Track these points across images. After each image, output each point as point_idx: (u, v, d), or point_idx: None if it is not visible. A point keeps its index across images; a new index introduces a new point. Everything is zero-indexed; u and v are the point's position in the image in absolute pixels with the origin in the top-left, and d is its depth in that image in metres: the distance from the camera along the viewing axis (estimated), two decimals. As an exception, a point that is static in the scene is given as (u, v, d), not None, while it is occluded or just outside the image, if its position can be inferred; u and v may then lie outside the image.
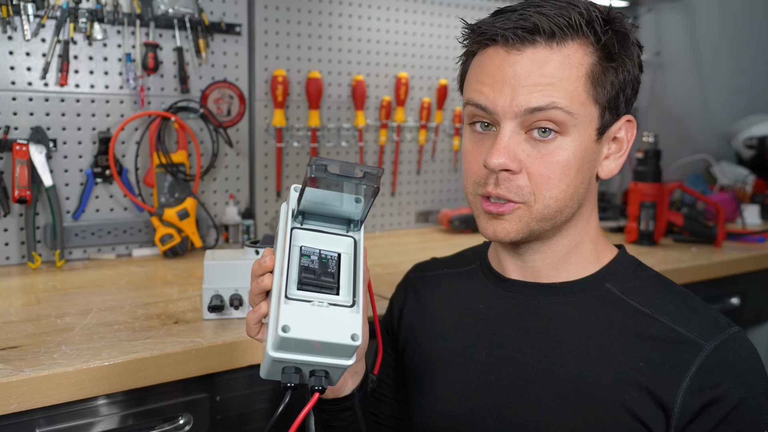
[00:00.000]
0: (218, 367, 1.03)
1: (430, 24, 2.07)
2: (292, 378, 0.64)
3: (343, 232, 0.71)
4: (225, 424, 1.08)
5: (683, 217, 1.91)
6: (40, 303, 1.22)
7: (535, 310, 0.81)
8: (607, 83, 0.75)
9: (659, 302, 0.77)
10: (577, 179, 0.75)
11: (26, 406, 0.88)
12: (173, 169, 1.62)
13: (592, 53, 0.74)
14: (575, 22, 0.72)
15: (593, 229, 0.82)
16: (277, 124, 1.80)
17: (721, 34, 2.89)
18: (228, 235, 1.75)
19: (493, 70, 0.75)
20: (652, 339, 0.74)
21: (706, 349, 0.71)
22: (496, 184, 0.75)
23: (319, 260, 0.68)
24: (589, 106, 0.74)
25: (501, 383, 0.80)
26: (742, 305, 1.83)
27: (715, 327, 0.73)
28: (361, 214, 0.70)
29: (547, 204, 0.75)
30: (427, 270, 0.99)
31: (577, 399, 0.74)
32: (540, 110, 0.72)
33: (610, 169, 0.80)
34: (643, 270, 0.82)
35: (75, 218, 1.57)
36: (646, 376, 0.72)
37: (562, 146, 0.74)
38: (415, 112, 2.08)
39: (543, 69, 0.72)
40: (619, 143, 0.80)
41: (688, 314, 0.75)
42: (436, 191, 2.17)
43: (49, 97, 1.51)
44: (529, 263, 0.82)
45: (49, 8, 1.47)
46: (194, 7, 1.65)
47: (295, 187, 0.70)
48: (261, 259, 0.71)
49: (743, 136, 2.75)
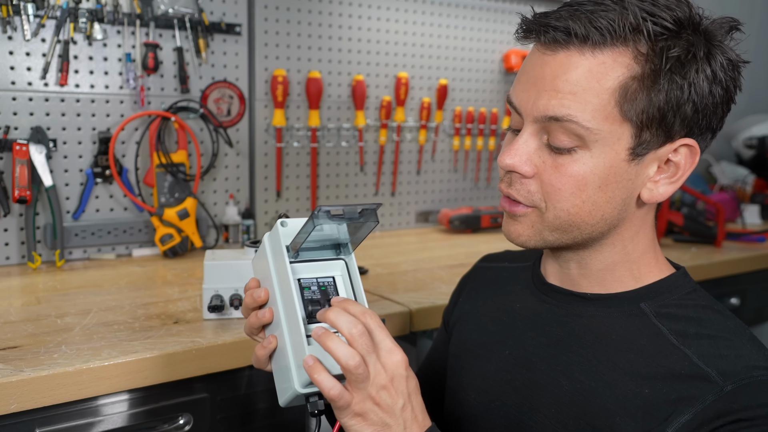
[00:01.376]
0: (218, 367, 1.03)
1: (430, 24, 2.07)
2: (318, 405, 0.68)
3: (333, 256, 0.74)
4: (225, 424, 1.08)
5: (683, 217, 1.91)
6: (40, 303, 1.22)
7: (562, 318, 0.79)
8: (645, 100, 0.67)
9: (695, 333, 0.70)
10: (599, 197, 0.70)
11: (26, 406, 0.88)
12: (173, 169, 1.62)
13: (631, 65, 0.66)
14: (618, 26, 0.65)
15: (638, 251, 0.77)
16: (277, 124, 1.80)
17: (721, 34, 2.89)
18: (228, 235, 1.75)
19: (528, 68, 0.72)
20: (667, 370, 0.68)
21: (721, 390, 0.64)
22: (509, 184, 0.75)
23: (319, 289, 0.72)
24: (616, 122, 0.67)
25: (513, 384, 0.80)
26: (742, 305, 1.83)
27: (743, 369, 0.65)
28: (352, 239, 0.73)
29: (558, 215, 0.72)
30: (492, 261, 0.99)
31: (571, 412, 0.73)
32: (556, 120, 0.68)
33: (657, 193, 0.72)
34: (694, 298, 0.75)
35: (75, 218, 1.57)
36: (646, 403, 0.67)
37: (580, 160, 0.69)
38: (415, 112, 2.08)
39: (568, 74, 0.68)
40: (675, 167, 0.71)
41: (723, 352, 0.67)
42: (436, 191, 2.17)
43: (49, 97, 1.51)
44: (566, 270, 0.80)
45: (49, 8, 1.47)
46: (194, 7, 1.65)
47: (281, 222, 0.71)
48: (254, 293, 0.73)
49: (743, 136, 2.74)
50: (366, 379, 0.64)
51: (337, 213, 0.66)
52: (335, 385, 0.64)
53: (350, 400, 0.65)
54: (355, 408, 0.65)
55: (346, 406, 0.65)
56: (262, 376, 1.11)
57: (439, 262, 1.63)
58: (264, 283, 0.75)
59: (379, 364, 0.65)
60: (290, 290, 0.69)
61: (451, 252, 1.79)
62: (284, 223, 0.71)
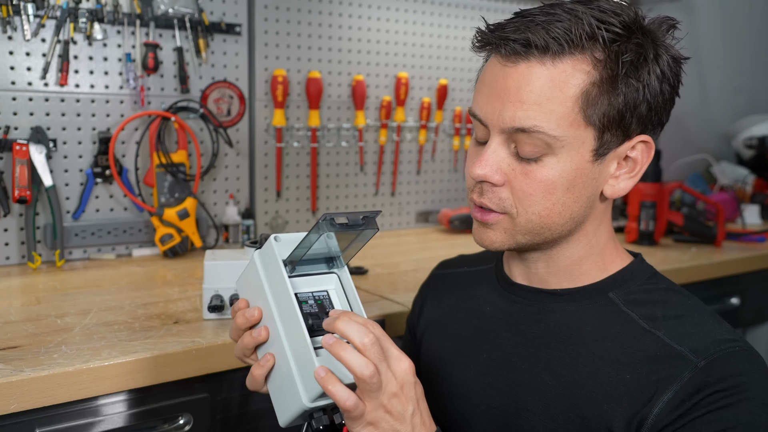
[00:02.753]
0: (218, 367, 1.03)
1: (430, 24, 2.07)
2: (323, 420, 0.68)
3: (325, 270, 0.74)
4: (225, 424, 1.08)
5: (683, 217, 1.91)
6: (40, 303, 1.22)
7: (535, 315, 0.81)
8: (605, 104, 0.70)
9: (662, 315, 0.74)
10: (567, 198, 0.73)
11: (26, 406, 0.88)
12: (173, 169, 1.62)
13: (590, 72, 0.69)
14: (574, 35, 0.68)
15: (601, 243, 0.80)
16: (277, 124, 1.80)
17: (721, 34, 2.89)
18: (228, 235, 1.75)
19: (489, 80, 0.74)
20: (643, 353, 0.71)
21: (695, 366, 0.67)
22: (480, 194, 0.76)
23: (315, 303, 0.72)
24: (580, 127, 0.70)
25: (496, 386, 0.80)
26: (742, 305, 1.83)
27: (711, 344, 0.69)
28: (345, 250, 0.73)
29: (530, 219, 0.74)
30: (449, 267, 1.00)
31: (559, 406, 0.74)
32: (523, 131, 0.70)
33: (619, 188, 0.76)
34: (655, 282, 0.79)
35: (75, 218, 1.57)
36: (629, 388, 0.70)
37: (548, 165, 0.71)
38: (415, 112, 2.08)
39: (531, 85, 0.69)
40: (632, 163, 0.75)
41: (690, 330, 0.72)
42: (436, 191, 2.17)
43: (49, 97, 1.51)
44: (533, 270, 0.82)
45: (49, 8, 1.47)
46: (194, 7, 1.65)
47: (275, 237, 0.71)
48: (247, 312, 0.73)
49: (743, 136, 2.74)
50: (379, 388, 0.64)
51: (341, 221, 0.67)
52: (350, 395, 0.64)
53: (364, 410, 0.65)
54: (367, 417, 0.65)
55: (360, 416, 0.65)
56: (262, 376, 1.10)
57: (439, 262, 1.63)
58: (254, 302, 0.73)
59: (390, 372, 0.65)
60: (291, 304, 0.68)
61: (451, 252, 1.78)
62: (278, 238, 0.71)
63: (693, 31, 2.77)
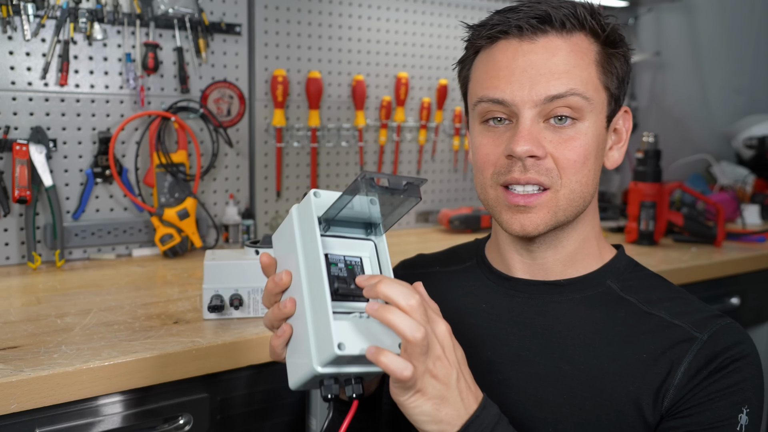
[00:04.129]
0: (218, 367, 1.03)
1: (430, 24, 2.07)
2: (333, 389, 0.65)
3: (362, 236, 0.70)
4: (225, 424, 1.08)
5: (683, 217, 1.91)
6: (40, 303, 1.22)
7: (540, 307, 0.81)
8: (614, 71, 0.78)
9: (656, 299, 0.79)
10: (595, 165, 0.78)
11: (26, 406, 0.88)
12: (173, 169, 1.62)
13: (595, 43, 0.77)
14: (580, 13, 0.76)
15: (597, 225, 0.85)
16: (277, 124, 1.80)
17: (721, 34, 2.89)
18: (228, 235, 1.75)
19: (506, 62, 0.76)
20: (651, 333, 0.76)
21: (701, 339, 0.74)
22: (523, 170, 0.75)
23: (346, 267, 0.67)
24: (601, 92, 0.77)
25: (507, 382, 0.79)
26: (742, 305, 1.82)
27: (708, 319, 0.76)
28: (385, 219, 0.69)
29: (573, 188, 0.76)
30: (415, 267, 0.97)
31: (583, 393, 0.75)
32: (559, 97, 0.74)
33: (615, 159, 0.82)
34: (640, 270, 0.85)
35: (75, 218, 1.57)
36: (648, 367, 0.74)
37: (582, 131, 0.76)
38: (415, 112, 2.08)
39: (557, 57, 0.75)
40: (619, 134, 0.83)
41: (684, 309, 0.78)
42: (436, 191, 2.17)
43: (49, 97, 1.51)
44: (539, 260, 0.82)
45: (49, 8, 1.47)
46: (194, 7, 1.65)
47: (315, 192, 0.67)
48: (276, 278, 0.69)
49: (743, 136, 2.74)
50: (426, 352, 0.61)
51: (382, 184, 0.63)
52: (407, 365, 0.60)
53: (416, 378, 0.61)
54: (417, 384, 0.62)
55: (413, 385, 0.61)
56: (262, 376, 1.11)
57: (439, 262, 1.63)
58: (284, 261, 0.70)
59: (434, 335, 0.63)
60: (318, 263, 0.64)
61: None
62: (318, 194, 0.67)
63: (693, 31, 2.77)
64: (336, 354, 0.61)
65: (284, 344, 0.69)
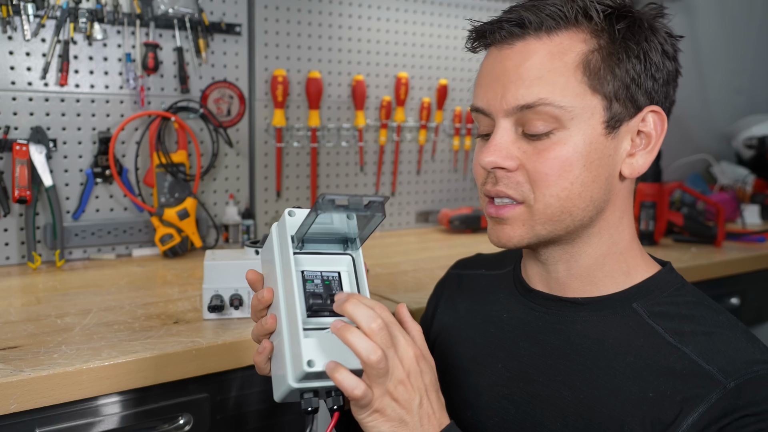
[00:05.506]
0: (218, 367, 1.03)
1: (430, 24, 2.07)
2: (312, 402, 0.66)
3: (340, 251, 0.72)
4: (225, 424, 1.08)
5: (683, 217, 1.91)
6: (40, 303, 1.22)
7: (555, 325, 0.77)
8: (608, 72, 0.69)
9: (690, 330, 0.69)
10: (585, 176, 0.70)
11: (26, 406, 0.88)
12: (173, 169, 1.62)
13: (588, 40, 0.69)
14: (567, 11, 0.69)
15: (624, 240, 0.76)
16: (277, 124, 1.80)
17: (721, 34, 2.89)
18: (228, 235, 1.75)
19: (488, 69, 0.74)
20: (668, 369, 0.67)
21: (724, 387, 0.63)
22: (494, 183, 0.74)
23: (323, 283, 0.69)
24: (587, 97, 0.69)
25: (512, 398, 0.77)
26: (742, 305, 1.82)
27: (742, 364, 0.65)
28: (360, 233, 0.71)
29: (549, 203, 0.71)
30: (467, 268, 0.96)
31: (577, 424, 0.70)
32: (529, 107, 0.69)
33: (638, 166, 0.73)
34: (684, 294, 0.75)
35: (75, 218, 1.57)
36: (652, 407, 0.66)
37: (561, 141, 0.69)
38: (415, 112, 2.08)
39: (530, 61, 0.69)
40: (647, 137, 0.73)
41: (720, 348, 0.67)
42: (436, 191, 2.17)
43: (49, 97, 1.51)
44: (553, 274, 0.78)
45: (49, 8, 1.47)
46: (194, 7, 1.65)
47: (289, 212, 0.69)
48: (258, 294, 0.71)
49: (743, 136, 2.74)
50: (386, 374, 0.62)
51: (341, 203, 0.64)
52: (359, 383, 0.61)
53: (372, 398, 0.62)
54: (374, 404, 0.63)
55: (368, 404, 0.63)
56: (262, 376, 1.10)
57: (439, 262, 1.63)
58: (269, 278, 0.72)
59: (397, 358, 0.63)
60: (292, 280, 0.66)
61: (451, 252, 1.79)
62: (292, 213, 0.69)
63: (693, 31, 2.77)
64: (305, 371, 0.63)
65: (265, 360, 0.72)
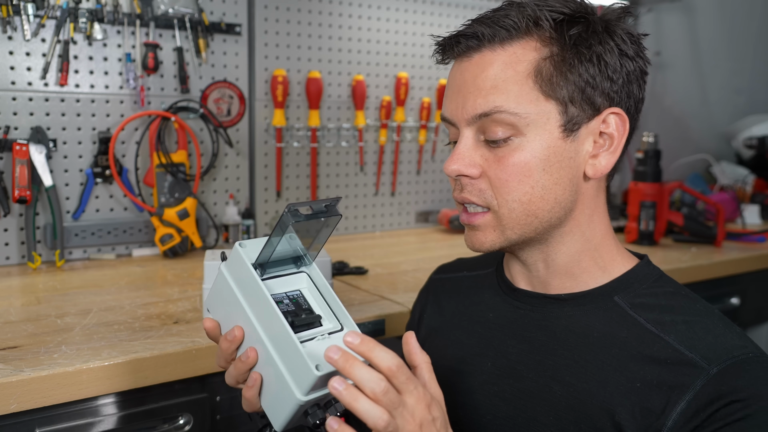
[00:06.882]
0: (218, 367, 1.02)
1: (430, 24, 2.07)
2: (318, 414, 0.66)
3: (294, 270, 0.74)
4: (225, 424, 1.08)
5: (683, 217, 1.91)
6: (40, 303, 1.22)
7: (540, 322, 0.79)
8: (561, 77, 0.71)
9: (670, 320, 0.72)
10: (546, 180, 0.73)
11: (26, 406, 0.88)
12: (173, 169, 1.62)
13: (540, 49, 0.72)
14: (518, 21, 0.72)
15: (597, 237, 0.78)
16: (277, 124, 1.80)
17: (721, 34, 2.89)
18: (228, 235, 1.75)
19: (452, 80, 0.77)
20: (652, 359, 0.69)
21: (708, 374, 0.66)
22: (460, 190, 0.77)
23: (291, 301, 0.71)
24: (541, 103, 0.72)
25: (502, 395, 0.78)
26: (742, 305, 1.83)
27: (722, 350, 0.67)
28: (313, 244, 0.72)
29: (512, 208, 0.74)
30: (448, 272, 0.98)
31: (569, 417, 0.72)
32: (486, 115, 0.73)
33: (601, 166, 0.75)
34: (662, 285, 0.77)
35: (75, 218, 1.57)
36: (640, 397, 0.68)
37: (519, 147, 0.72)
38: (415, 112, 2.08)
39: (486, 72, 0.73)
40: (609, 138, 0.75)
41: (700, 335, 0.69)
42: (436, 191, 2.17)
43: (49, 97, 1.51)
44: (534, 273, 0.80)
45: (49, 8, 1.47)
46: (194, 7, 1.65)
47: (240, 244, 0.70)
48: (228, 335, 0.70)
49: (743, 136, 2.75)
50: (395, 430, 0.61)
51: (305, 211, 0.66)
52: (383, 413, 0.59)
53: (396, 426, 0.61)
54: None
55: None
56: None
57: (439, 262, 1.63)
58: (228, 319, 0.72)
59: (407, 413, 0.62)
60: (269, 305, 0.66)
61: (451, 252, 1.78)
62: (243, 245, 0.69)
63: (693, 31, 2.77)
64: (316, 375, 0.63)
65: (257, 393, 0.70)
